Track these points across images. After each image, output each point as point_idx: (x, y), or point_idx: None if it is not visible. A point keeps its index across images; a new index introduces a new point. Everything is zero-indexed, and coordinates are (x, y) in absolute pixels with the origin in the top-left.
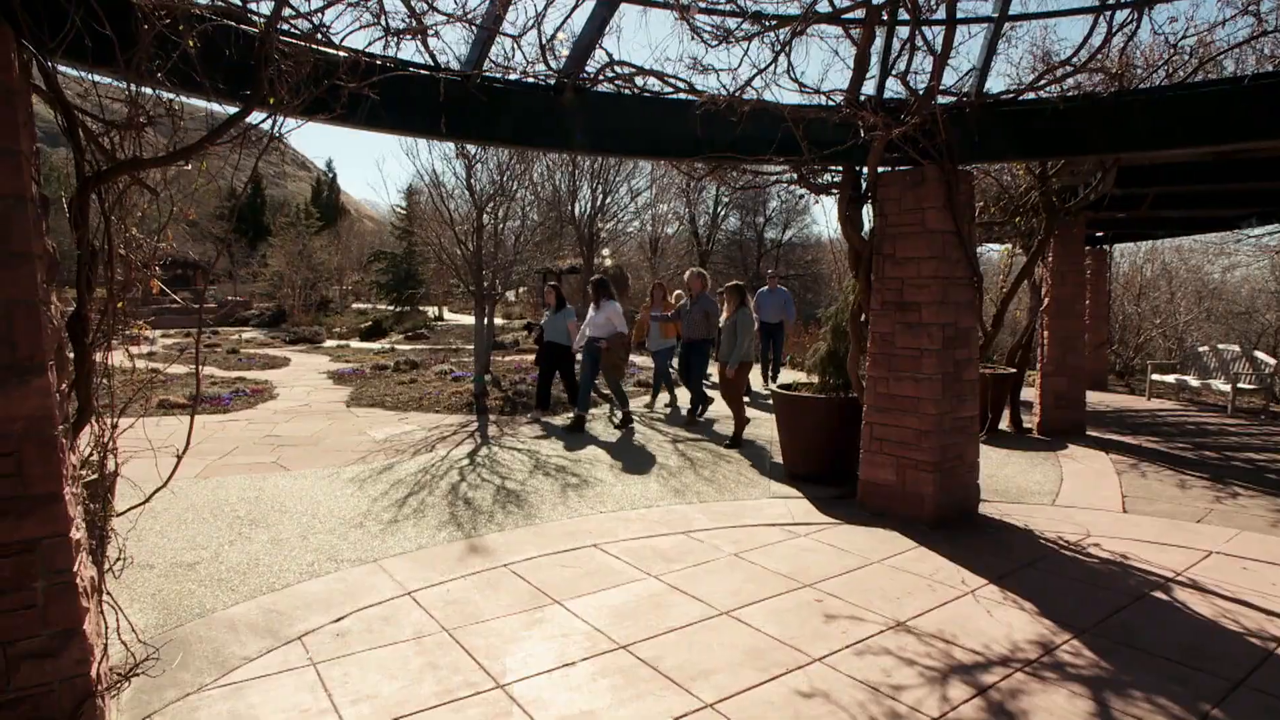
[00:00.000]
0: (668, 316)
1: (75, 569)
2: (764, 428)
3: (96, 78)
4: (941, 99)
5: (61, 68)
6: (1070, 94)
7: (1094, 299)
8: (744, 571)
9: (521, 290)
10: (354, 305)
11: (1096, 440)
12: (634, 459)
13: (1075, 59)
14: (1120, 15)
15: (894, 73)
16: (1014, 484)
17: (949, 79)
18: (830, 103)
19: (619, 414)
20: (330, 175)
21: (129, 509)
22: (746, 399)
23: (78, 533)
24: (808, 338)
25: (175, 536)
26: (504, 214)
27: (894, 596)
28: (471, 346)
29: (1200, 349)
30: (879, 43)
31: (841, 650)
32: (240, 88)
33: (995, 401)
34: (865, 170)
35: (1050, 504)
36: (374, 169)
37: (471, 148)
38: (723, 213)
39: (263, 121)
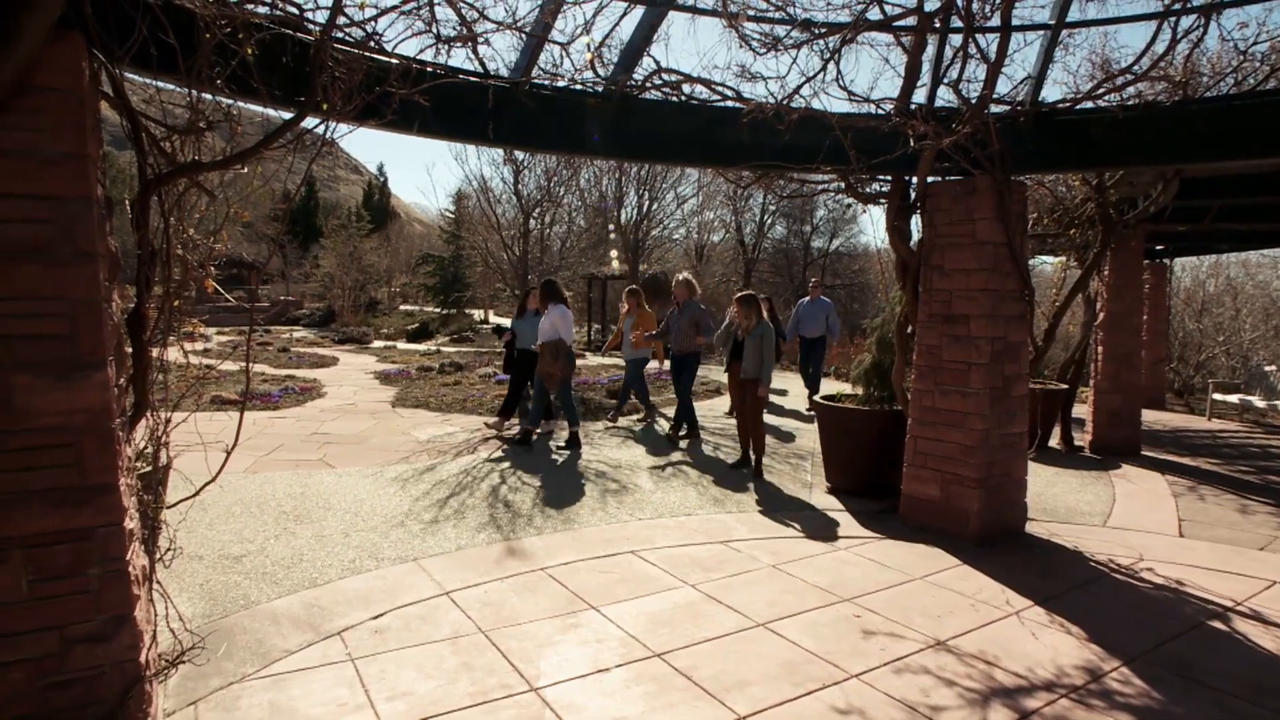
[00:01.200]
0: (652, 335)
1: (128, 557)
2: (806, 439)
3: (159, 84)
4: (995, 108)
5: (127, 75)
6: (1131, 103)
7: (1152, 314)
8: (782, 583)
9: (567, 295)
10: (401, 307)
11: (1152, 461)
12: (674, 467)
13: (1136, 66)
14: (1186, 21)
15: (945, 81)
16: (1063, 503)
17: (1002, 87)
18: (880, 111)
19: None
20: (381, 179)
21: (179, 501)
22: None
23: (131, 522)
24: (853, 349)
25: (223, 529)
26: (550, 219)
27: (935, 614)
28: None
29: (1267, 368)
30: (930, 50)
31: (879, 667)
32: (295, 93)
33: (1045, 417)
34: (914, 180)
35: (1102, 525)
36: (424, 174)
37: (519, 154)
38: (769, 221)
39: (316, 127)
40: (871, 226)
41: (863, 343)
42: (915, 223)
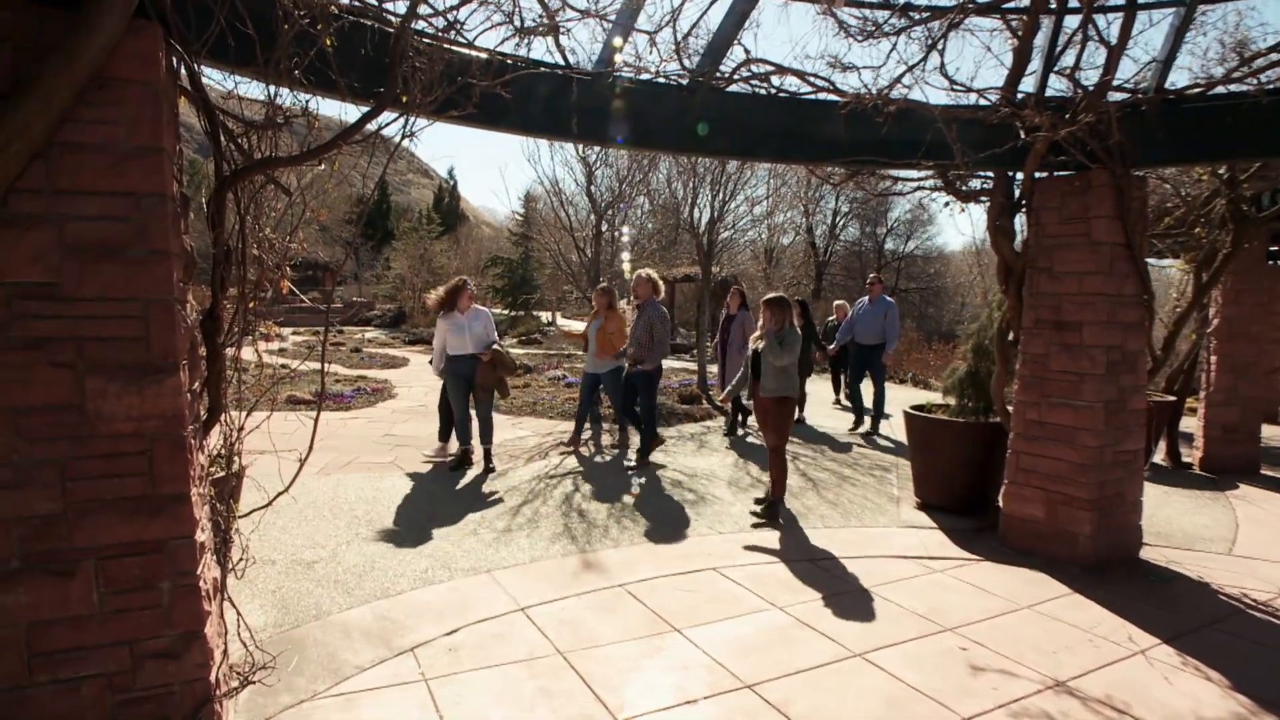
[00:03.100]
0: (622, 354)
1: (199, 571)
2: (887, 448)
3: (236, 78)
4: (1113, 95)
5: (205, 69)
6: (1272, 86)
7: (1266, 320)
8: (876, 608)
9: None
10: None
11: (1274, 481)
12: (752, 477)
13: None
14: None
15: (1057, 69)
16: (1177, 527)
17: (1122, 72)
18: (984, 102)
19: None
20: (451, 182)
21: (251, 511)
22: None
23: (203, 534)
24: (932, 354)
25: (296, 533)
26: (621, 221)
27: (1049, 650)
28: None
29: None
30: (1041, 36)
31: (994, 710)
32: (374, 87)
33: (1152, 432)
34: (1020, 176)
35: (1226, 553)
36: (492, 176)
37: (592, 155)
38: (841, 223)
39: (393, 122)
40: (952, 227)
41: (956, 349)
42: (1017, 223)
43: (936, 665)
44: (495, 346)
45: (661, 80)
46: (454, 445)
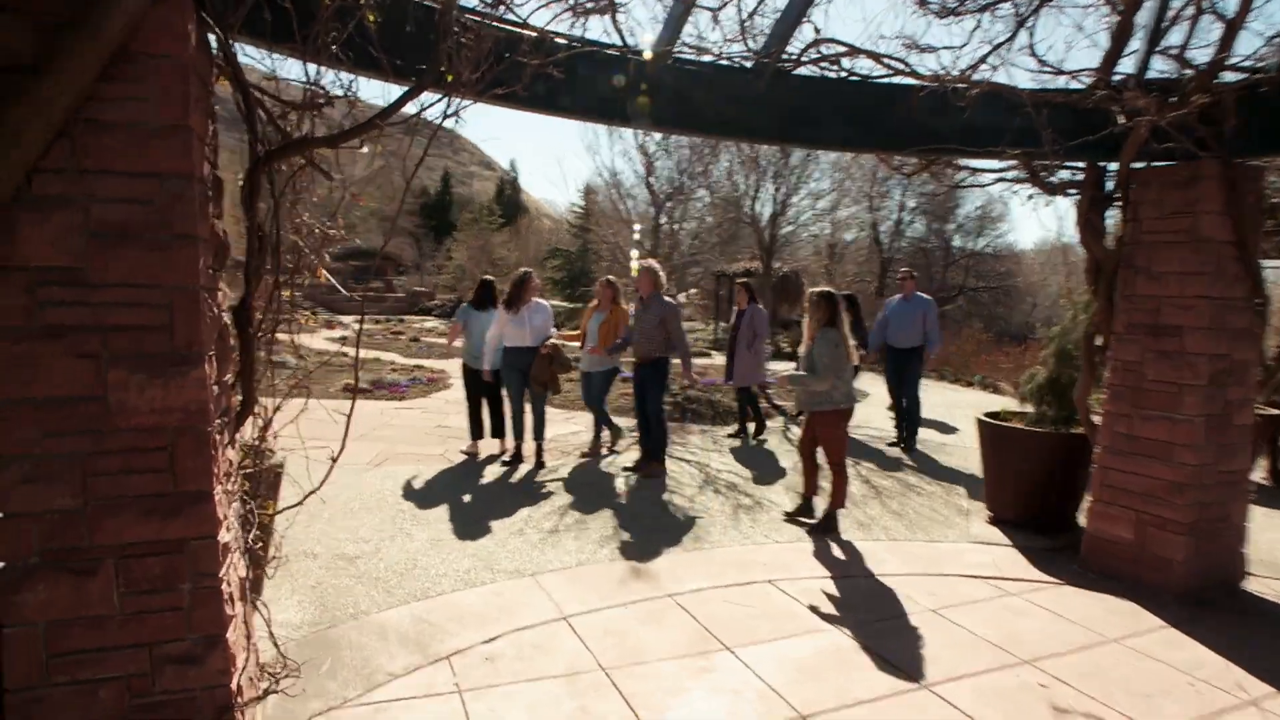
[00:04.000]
0: (619, 345)
1: (221, 574)
2: (955, 456)
3: (275, 58)
4: (1227, 76)
5: (244, 50)
6: None
7: None
8: (944, 633)
9: (692, 292)
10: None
11: None
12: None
13: None
14: None
15: (1160, 48)
16: None
17: (1238, 49)
18: (1078, 85)
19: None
20: (513, 175)
21: (283, 509)
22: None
23: (227, 534)
24: (1002, 356)
25: (341, 525)
26: (681, 214)
27: (1143, 693)
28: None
29: None
30: (1144, 14)
31: None
32: (417, 65)
33: (1252, 449)
34: (1114, 166)
35: None
36: (554, 169)
37: (651, 145)
38: (908, 219)
39: (437, 102)
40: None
41: (1013, 352)
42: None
43: (1014, 704)
44: (553, 340)
45: (724, 63)
46: (484, 444)
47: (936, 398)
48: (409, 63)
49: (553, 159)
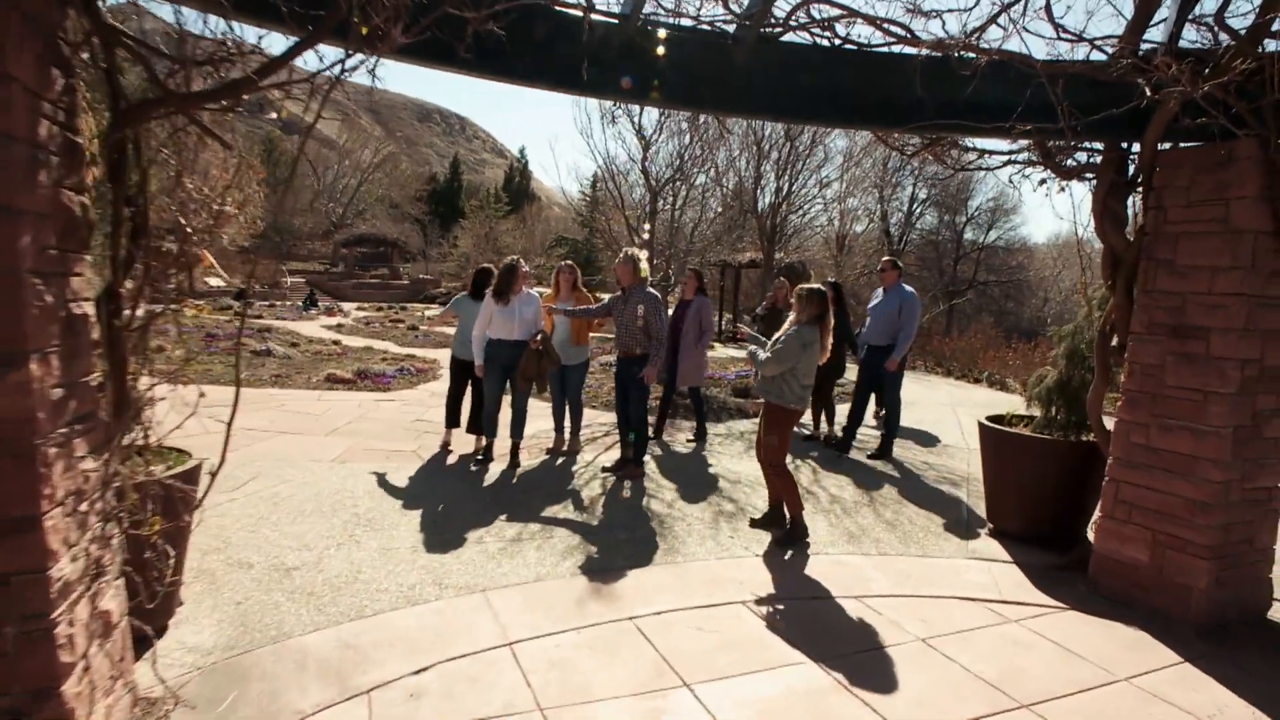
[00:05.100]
0: (589, 310)
1: (55, 615)
2: (958, 460)
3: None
4: (1269, 44)
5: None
6: None
7: None
8: (935, 669)
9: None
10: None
11: None
12: (801, 488)
13: None
14: None
15: (1192, 16)
16: None
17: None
18: (1098, 56)
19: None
20: (522, 162)
21: (157, 530)
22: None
23: (71, 565)
24: (1011, 352)
25: (288, 531)
26: (682, 200)
27: None
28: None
29: None
30: None
31: None
32: (319, 11)
33: None
34: (1137, 147)
35: None
36: (563, 156)
37: (649, 126)
38: (918, 210)
39: (347, 60)
40: (1046, 211)
41: (1022, 348)
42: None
43: None
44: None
45: (704, 26)
46: (457, 435)
47: (941, 394)
48: (310, 6)
49: (561, 147)
